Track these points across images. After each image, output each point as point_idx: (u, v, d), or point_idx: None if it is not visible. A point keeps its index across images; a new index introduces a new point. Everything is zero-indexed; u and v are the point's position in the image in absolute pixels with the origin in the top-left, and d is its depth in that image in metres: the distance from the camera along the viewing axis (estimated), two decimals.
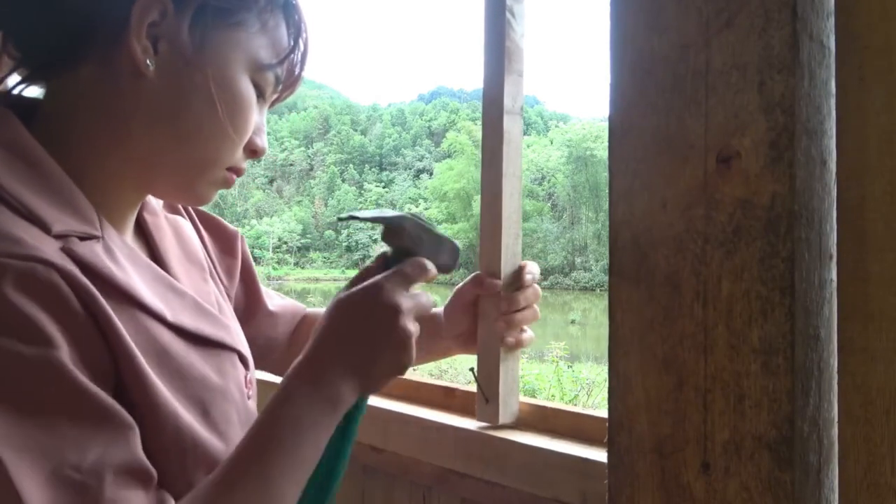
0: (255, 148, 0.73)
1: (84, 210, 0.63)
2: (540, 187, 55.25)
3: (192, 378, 0.66)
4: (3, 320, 0.52)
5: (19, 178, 0.60)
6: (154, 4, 0.63)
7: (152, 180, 0.70)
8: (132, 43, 0.63)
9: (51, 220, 0.59)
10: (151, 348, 0.63)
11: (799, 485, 0.43)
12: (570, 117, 73.30)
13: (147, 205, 0.78)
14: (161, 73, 0.65)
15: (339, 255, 65.16)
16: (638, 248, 0.50)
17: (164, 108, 0.66)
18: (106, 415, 0.55)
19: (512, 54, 0.97)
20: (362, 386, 0.69)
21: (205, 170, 0.70)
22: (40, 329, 0.53)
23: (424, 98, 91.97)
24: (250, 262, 0.96)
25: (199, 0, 0.65)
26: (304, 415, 0.65)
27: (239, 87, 0.68)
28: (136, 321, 0.63)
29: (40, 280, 0.54)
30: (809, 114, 0.45)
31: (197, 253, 0.83)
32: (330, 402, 0.67)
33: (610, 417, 0.52)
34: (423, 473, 1.03)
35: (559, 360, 6.97)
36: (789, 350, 0.43)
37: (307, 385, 0.66)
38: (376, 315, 0.69)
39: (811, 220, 0.45)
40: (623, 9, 0.52)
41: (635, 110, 0.51)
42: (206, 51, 0.66)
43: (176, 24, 0.64)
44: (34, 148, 0.63)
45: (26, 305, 0.53)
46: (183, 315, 0.68)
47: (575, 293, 40.47)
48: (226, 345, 0.73)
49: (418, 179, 75.00)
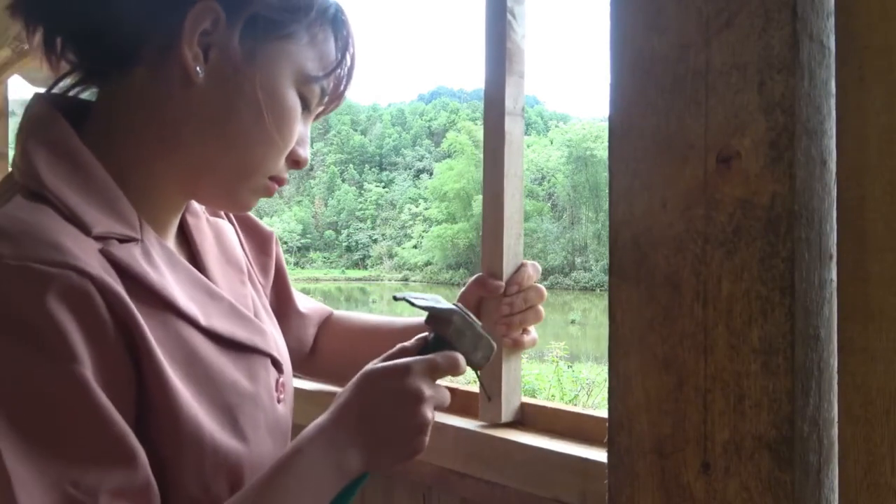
0: (298, 158, 0.74)
1: (125, 213, 0.64)
2: (540, 187, 55.24)
3: (221, 383, 0.67)
4: (31, 330, 0.53)
5: (63, 178, 0.61)
6: (207, 13, 0.64)
7: (196, 185, 0.71)
8: (184, 50, 0.64)
9: (92, 221, 0.60)
10: (181, 353, 0.64)
11: (799, 485, 0.43)
12: (570, 117, 73.28)
13: (190, 207, 0.79)
14: (210, 80, 0.66)
15: (339, 255, 65.13)
16: (638, 248, 0.50)
17: (211, 115, 0.67)
18: (115, 438, 0.56)
19: (513, 55, 0.97)
20: (372, 463, 0.70)
21: (248, 177, 0.71)
22: (67, 342, 0.54)
23: (424, 98, 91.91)
24: (283, 262, 0.98)
25: (251, 11, 0.66)
26: (310, 473, 0.66)
27: (286, 97, 0.70)
28: (168, 325, 0.63)
29: (74, 289, 0.55)
30: (809, 114, 0.45)
31: (237, 256, 0.85)
32: (338, 470, 0.68)
33: (610, 417, 0.52)
34: (423, 473, 1.03)
35: (559, 360, 6.97)
36: (789, 350, 0.43)
37: (320, 447, 0.68)
38: (400, 398, 0.70)
39: (811, 220, 0.45)
40: (623, 9, 0.52)
41: (635, 110, 0.51)
42: (256, 61, 0.67)
43: (227, 33, 0.66)
44: (80, 150, 0.64)
45: (56, 314, 0.54)
46: (217, 319, 0.69)
47: (575, 293, 40.46)
48: (258, 349, 0.74)
49: (418, 179, 74.97)
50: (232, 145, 0.68)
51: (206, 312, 0.68)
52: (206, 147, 0.68)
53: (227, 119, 0.67)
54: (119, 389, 0.58)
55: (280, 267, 0.97)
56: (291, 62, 0.69)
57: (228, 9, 0.65)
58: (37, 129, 0.64)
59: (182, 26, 0.64)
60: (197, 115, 0.67)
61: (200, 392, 0.65)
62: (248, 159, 0.70)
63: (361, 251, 62.52)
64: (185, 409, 0.62)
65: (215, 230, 0.84)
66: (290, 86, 0.70)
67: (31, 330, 0.53)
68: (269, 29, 0.68)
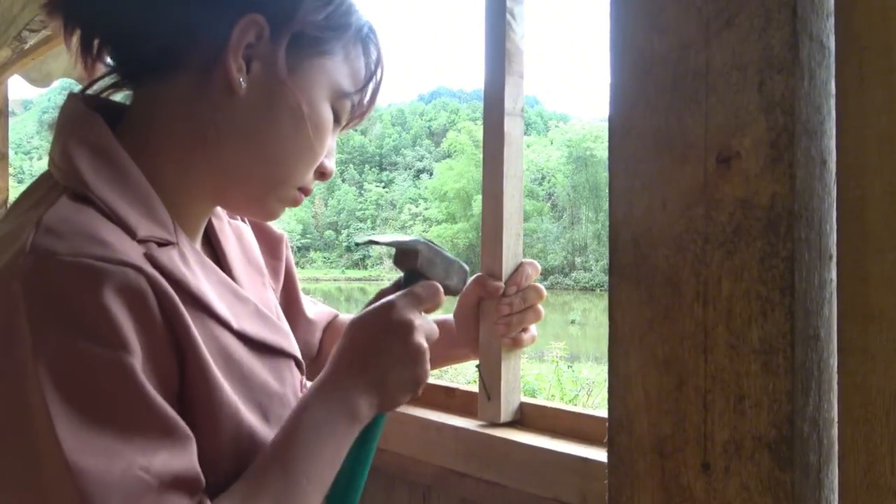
0: (325, 170, 0.77)
1: (162, 217, 0.66)
2: (540, 187, 55.23)
3: (254, 383, 0.69)
4: (87, 322, 0.54)
5: (106, 182, 0.63)
6: (253, 27, 0.67)
7: (228, 192, 0.73)
8: (229, 61, 0.66)
9: (135, 224, 0.62)
10: (219, 353, 0.65)
11: (799, 485, 0.43)
12: (570, 117, 73.27)
13: (213, 209, 0.80)
14: (252, 91, 0.68)
15: (339, 255, 65.16)
16: (638, 248, 0.50)
17: (250, 125, 0.69)
18: (168, 423, 0.57)
19: (512, 56, 0.97)
20: (379, 400, 0.71)
21: (279, 186, 0.73)
22: (120, 334, 0.55)
23: (424, 98, 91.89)
24: (292, 266, 0.99)
25: (296, 28, 0.69)
26: (323, 423, 0.67)
27: (323, 110, 0.72)
28: (205, 327, 0.65)
29: (130, 285, 0.57)
30: (809, 114, 0.45)
31: (257, 259, 0.87)
32: (348, 415, 0.69)
33: (610, 417, 0.52)
34: (423, 473, 1.03)
35: (559, 361, 6.97)
36: (789, 350, 0.43)
37: (326, 398, 0.69)
38: (390, 331, 0.72)
39: (811, 220, 0.45)
40: (623, 9, 0.52)
41: (635, 110, 0.51)
42: (297, 74, 0.70)
43: (270, 47, 0.68)
44: (119, 152, 0.65)
45: (113, 308, 0.55)
46: (246, 322, 0.71)
47: (575, 293, 40.47)
48: (284, 351, 0.75)
49: (418, 179, 74.96)
50: (269, 155, 0.71)
51: (236, 315, 0.70)
52: (242, 156, 0.70)
53: (267, 129, 0.70)
54: (165, 384, 0.59)
55: (290, 270, 0.98)
56: (328, 77, 0.72)
57: (273, 24, 0.67)
58: (76, 130, 0.65)
59: (228, 37, 0.66)
60: (237, 124, 0.69)
61: (239, 392, 0.66)
62: (283, 169, 0.72)
63: (361, 251, 62.50)
64: (228, 406, 0.64)
65: (237, 233, 0.85)
66: (325, 99, 0.72)
67: (88, 321, 0.54)
68: (311, 45, 0.70)
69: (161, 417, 0.57)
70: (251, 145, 0.70)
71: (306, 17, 0.69)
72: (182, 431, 0.58)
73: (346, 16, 0.73)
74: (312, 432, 0.66)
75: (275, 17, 0.67)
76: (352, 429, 0.69)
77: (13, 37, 2.13)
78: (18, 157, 71.09)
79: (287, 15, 0.68)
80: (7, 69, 2.42)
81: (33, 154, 74.40)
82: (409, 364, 0.71)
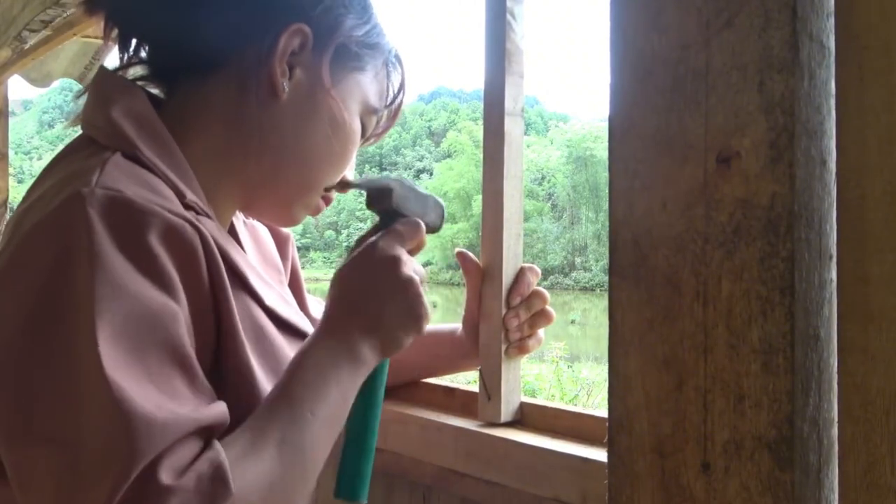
0: (345, 181, 0.80)
1: (198, 191, 0.68)
2: (540, 187, 55.23)
3: (280, 359, 0.70)
4: (146, 259, 0.56)
5: (152, 148, 0.65)
6: (298, 35, 0.70)
7: (255, 196, 0.76)
8: (275, 66, 0.70)
9: (183, 189, 0.64)
10: (250, 327, 0.67)
11: (799, 485, 0.43)
12: (570, 117, 73.24)
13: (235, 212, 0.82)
14: (292, 96, 0.72)
15: (339, 256, 65.12)
16: (638, 248, 0.50)
17: (287, 129, 0.72)
18: (198, 376, 0.58)
19: (512, 56, 0.97)
20: (380, 341, 0.71)
21: (307, 192, 0.77)
22: (172, 284, 0.57)
23: (424, 98, 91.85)
24: (298, 265, 1.01)
25: (339, 40, 0.73)
26: (326, 363, 0.67)
27: (354, 121, 0.77)
28: (240, 299, 0.67)
29: (186, 240, 0.59)
30: (809, 114, 0.45)
31: (273, 257, 0.89)
32: (350, 357, 0.68)
33: (610, 417, 0.52)
34: (423, 473, 1.03)
35: (559, 360, 6.97)
36: (789, 350, 0.43)
37: (325, 342, 0.68)
38: (377, 270, 0.72)
39: (811, 220, 0.45)
40: (623, 9, 0.52)
41: (635, 111, 0.51)
42: (338, 84, 0.74)
43: (314, 56, 0.72)
44: (162, 127, 0.68)
45: (164, 256, 0.57)
46: (273, 302, 0.73)
47: (575, 293, 40.47)
48: (308, 335, 0.76)
49: (418, 179, 74.99)
50: (303, 160, 0.74)
51: (266, 294, 0.72)
52: (275, 159, 0.73)
53: (304, 135, 0.73)
54: (199, 351, 0.60)
55: (296, 270, 0.98)
56: (361, 91, 0.77)
57: (317, 34, 0.72)
58: (122, 98, 0.67)
59: (275, 44, 0.69)
60: (280, 125, 0.72)
61: (265, 366, 0.67)
62: (316, 174, 0.76)
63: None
64: (254, 377, 0.65)
65: (253, 232, 0.88)
66: (356, 112, 0.77)
67: (147, 259, 0.56)
68: (350, 59, 0.75)
69: (192, 366, 0.58)
70: (290, 147, 0.73)
71: (350, 31, 0.73)
72: (206, 386, 0.59)
73: (380, 36, 0.78)
74: (316, 373, 0.66)
75: (319, 29, 0.72)
76: (356, 374, 0.68)
77: (13, 37, 2.13)
78: (18, 157, 71.07)
79: (332, 28, 0.72)
80: (7, 69, 2.42)
81: (33, 154, 74.39)
82: (401, 298, 0.71)
